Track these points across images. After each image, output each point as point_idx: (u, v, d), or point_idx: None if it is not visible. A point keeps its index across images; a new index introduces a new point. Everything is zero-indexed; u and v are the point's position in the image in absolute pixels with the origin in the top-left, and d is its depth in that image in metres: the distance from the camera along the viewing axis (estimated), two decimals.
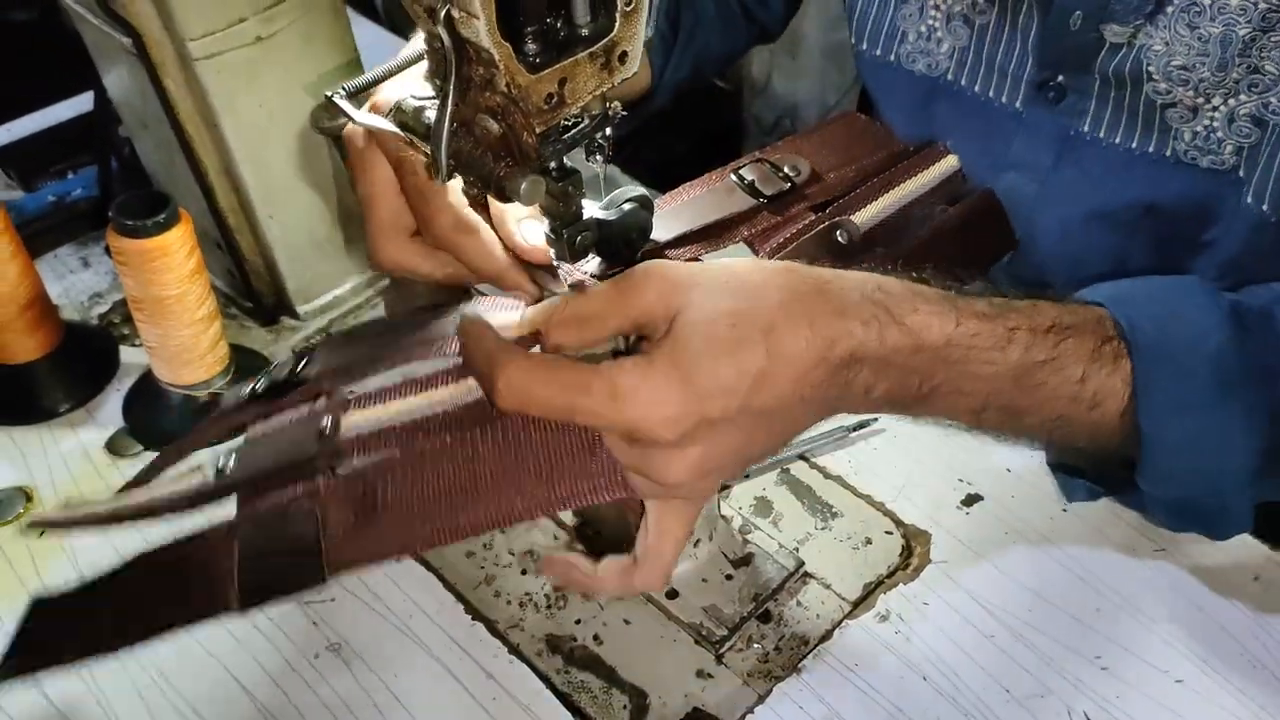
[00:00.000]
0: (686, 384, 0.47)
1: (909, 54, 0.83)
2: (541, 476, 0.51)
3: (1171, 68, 0.67)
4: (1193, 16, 0.66)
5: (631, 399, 0.47)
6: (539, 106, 0.47)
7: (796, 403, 0.50)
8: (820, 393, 0.50)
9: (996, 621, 0.66)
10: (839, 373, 0.50)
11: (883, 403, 0.53)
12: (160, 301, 0.74)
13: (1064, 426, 0.58)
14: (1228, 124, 0.67)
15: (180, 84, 0.76)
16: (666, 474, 0.49)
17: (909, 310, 0.52)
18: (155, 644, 0.56)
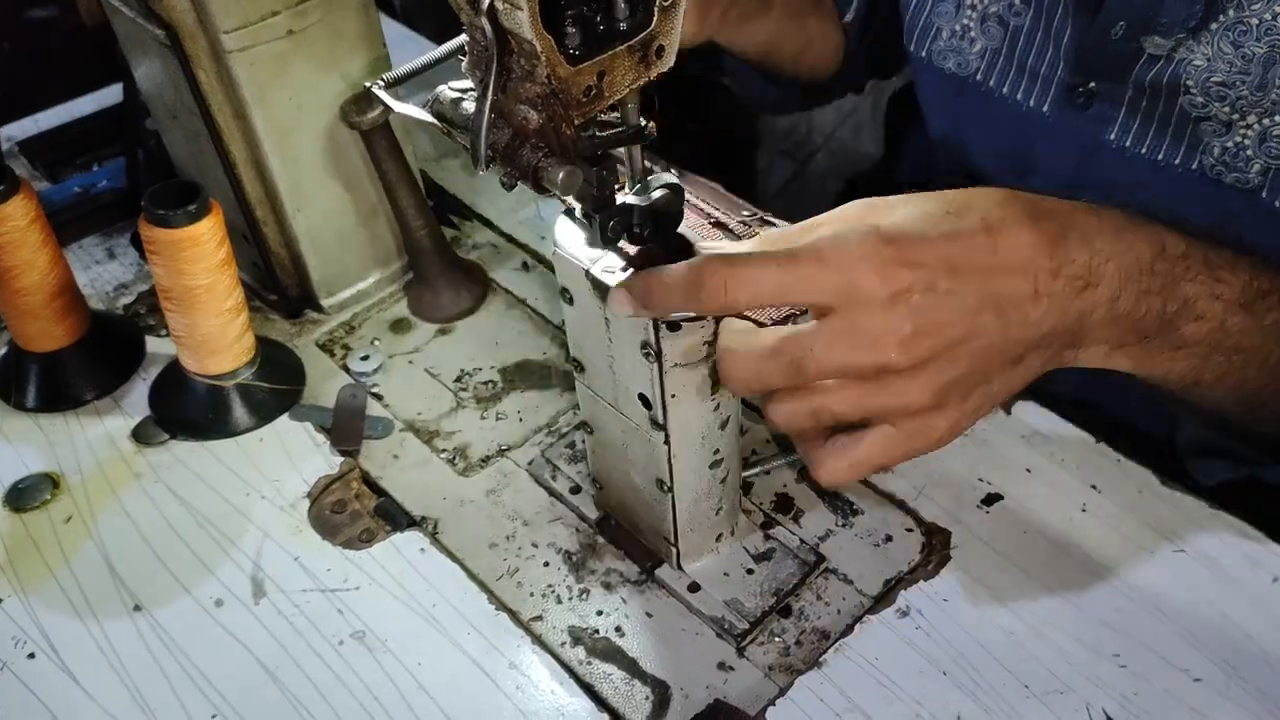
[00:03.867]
0: (898, 247, 0.46)
1: (941, 51, 0.83)
2: None
3: (1210, 83, 0.67)
4: (1238, 35, 0.66)
5: (837, 254, 0.46)
6: (578, 98, 0.48)
7: (1030, 295, 0.48)
8: (1057, 286, 0.48)
9: (1016, 618, 0.67)
10: (1077, 269, 0.49)
11: (1130, 326, 0.51)
12: (189, 291, 0.75)
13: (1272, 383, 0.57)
14: (1259, 143, 0.67)
15: (212, 76, 0.77)
16: (879, 345, 0.46)
17: (1143, 220, 0.51)
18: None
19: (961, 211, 0.49)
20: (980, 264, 0.48)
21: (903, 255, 0.47)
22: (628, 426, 0.64)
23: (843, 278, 0.47)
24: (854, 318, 0.47)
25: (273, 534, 0.73)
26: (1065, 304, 0.50)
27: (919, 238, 0.47)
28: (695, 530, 0.68)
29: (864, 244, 0.47)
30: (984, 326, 0.48)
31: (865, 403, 0.49)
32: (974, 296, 0.48)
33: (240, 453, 0.79)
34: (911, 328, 0.47)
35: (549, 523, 0.74)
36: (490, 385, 0.84)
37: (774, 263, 0.47)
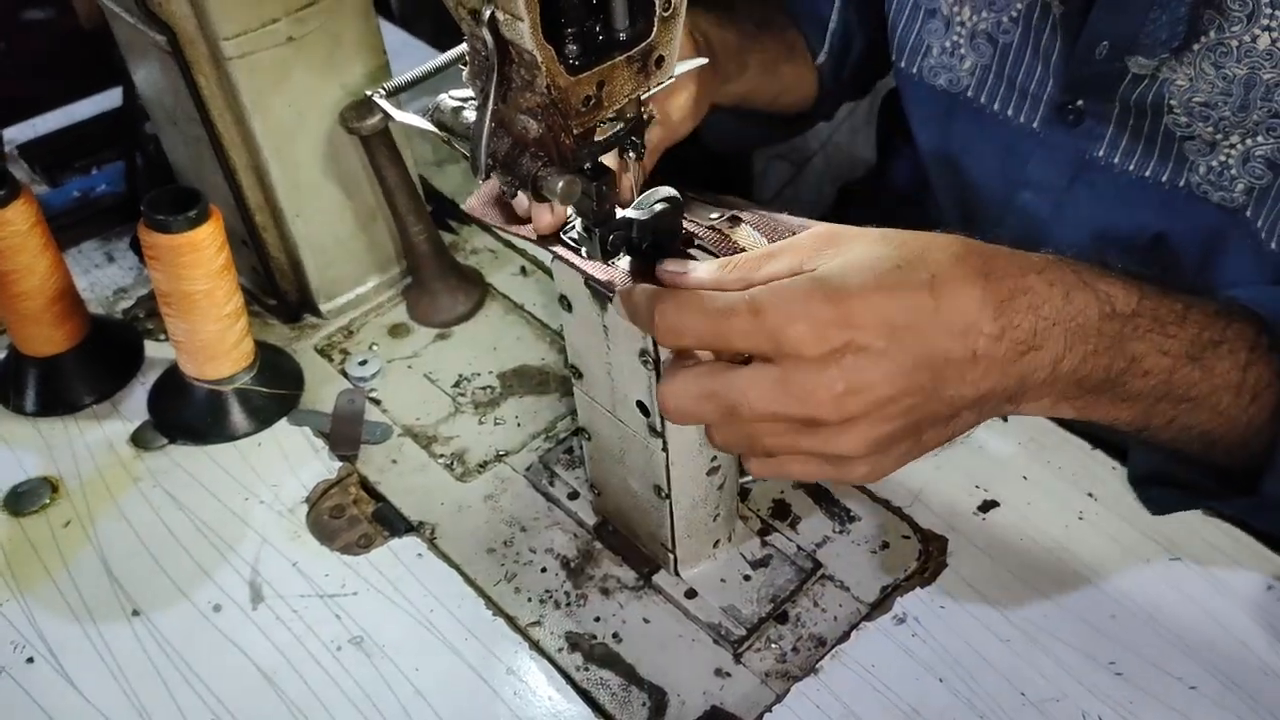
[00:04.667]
0: (836, 301, 0.46)
1: (932, 68, 0.83)
2: None
3: (1193, 103, 0.68)
4: (1219, 56, 0.66)
5: (773, 310, 0.46)
6: (577, 108, 0.48)
7: (967, 358, 0.48)
8: (997, 351, 0.48)
9: (1012, 626, 0.67)
10: (1021, 333, 0.48)
11: (1073, 384, 0.51)
12: (189, 296, 0.75)
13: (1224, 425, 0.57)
14: (1242, 163, 0.68)
15: (212, 82, 0.77)
16: (812, 397, 0.47)
17: (1095, 276, 0.51)
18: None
19: (912, 264, 0.48)
20: (919, 325, 0.47)
21: (840, 314, 0.47)
22: (625, 433, 0.64)
23: (777, 333, 0.47)
24: (788, 371, 0.48)
25: (271, 539, 0.73)
26: (1005, 367, 0.50)
27: (859, 294, 0.47)
28: (692, 536, 0.68)
29: (803, 301, 0.47)
30: (917, 386, 0.48)
31: (797, 443, 0.50)
32: (909, 357, 0.47)
33: (239, 457, 0.79)
34: (844, 386, 0.47)
35: (547, 528, 0.74)
36: (488, 390, 0.84)
37: (712, 315, 0.48)
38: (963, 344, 0.48)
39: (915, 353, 0.47)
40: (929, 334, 0.47)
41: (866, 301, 0.47)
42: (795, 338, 0.47)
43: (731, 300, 0.48)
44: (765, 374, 0.48)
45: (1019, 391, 0.51)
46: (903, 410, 0.49)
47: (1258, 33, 0.64)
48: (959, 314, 0.48)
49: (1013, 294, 0.49)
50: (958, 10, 0.80)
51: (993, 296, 0.48)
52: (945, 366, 0.48)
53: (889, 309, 0.47)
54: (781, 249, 0.51)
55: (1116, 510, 0.72)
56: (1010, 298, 0.49)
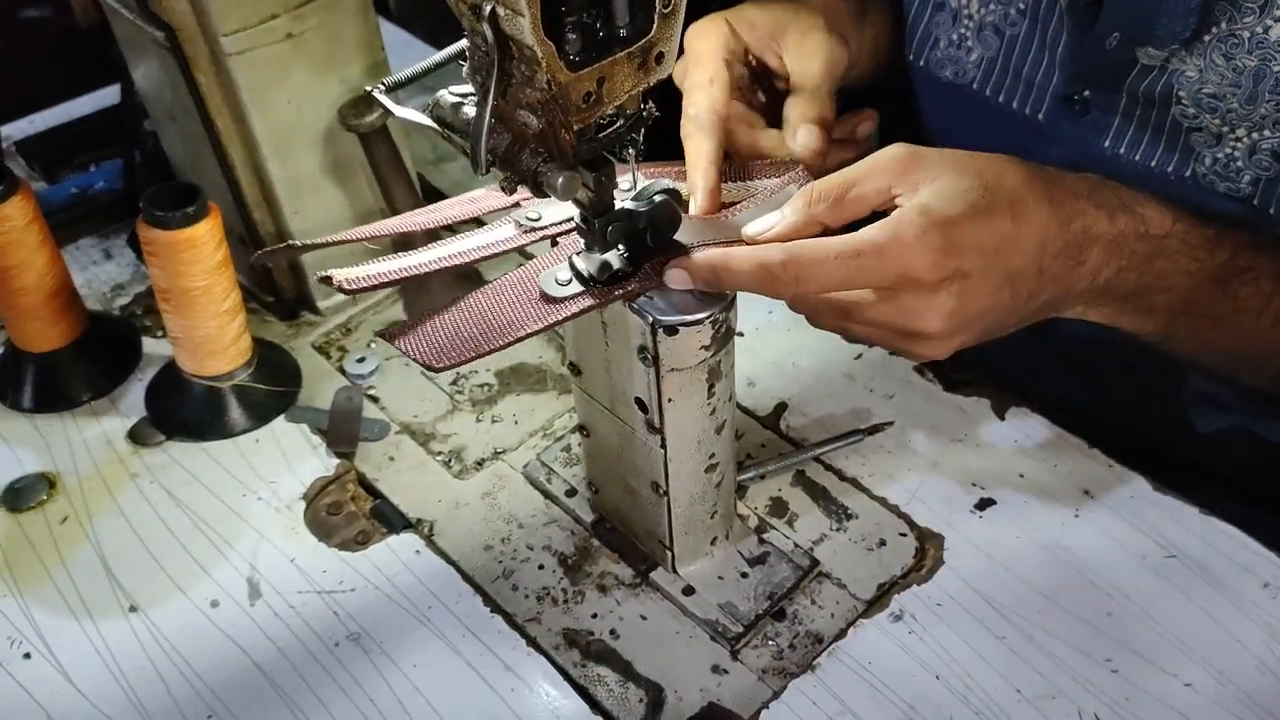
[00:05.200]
0: (945, 236, 0.54)
1: (938, 60, 0.83)
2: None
3: (1202, 95, 0.68)
4: (1229, 48, 0.66)
5: (897, 248, 0.53)
6: (577, 104, 0.48)
7: (1035, 273, 0.56)
8: (1057, 265, 0.57)
9: (1008, 623, 0.67)
10: (1074, 249, 0.57)
11: (1103, 293, 0.60)
12: (187, 293, 0.75)
13: (1245, 343, 0.65)
14: (1249, 155, 0.68)
15: (211, 79, 0.77)
16: (925, 318, 0.55)
17: (1136, 201, 0.59)
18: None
19: (993, 189, 0.56)
20: (1005, 247, 0.56)
21: (947, 242, 0.54)
22: (624, 430, 0.64)
23: (901, 268, 0.54)
24: (907, 298, 0.56)
25: (269, 535, 0.73)
26: (1059, 279, 0.58)
27: (961, 224, 0.55)
28: (690, 534, 0.68)
29: (920, 237, 0.54)
30: (1000, 301, 0.57)
31: (893, 342, 0.59)
32: (998, 275, 0.56)
33: (236, 454, 0.79)
34: (951, 307, 0.55)
35: (544, 525, 0.74)
36: (486, 388, 0.84)
37: (842, 258, 0.54)
38: (1034, 261, 0.57)
39: (1002, 272, 0.56)
40: (1012, 254, 0.56)
41: (967, 230, 0.54)
42: (916, 270, 0.54)
43: (854, 242, 0.54)
44: (885, 298, 0.56)
45: (1062, 299, 0.60)
46: (986, 323, 0.58)
47: (1270, 24, 0.64)
48: (1033, 235, 0.56)
49: (1071, 216, 0.57)
50: (965, 2, 0.80)
51: (1056, 219, 0.57)
52: (1020, 281, 0.57)
53: (983, 235, 0.55)
54: (864, 173, 0.58)
55: (1112, 508, 0.72)
56: (1069, 220, 0.57)
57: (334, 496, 0.76)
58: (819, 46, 0.72)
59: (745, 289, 0.56)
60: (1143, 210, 0.60)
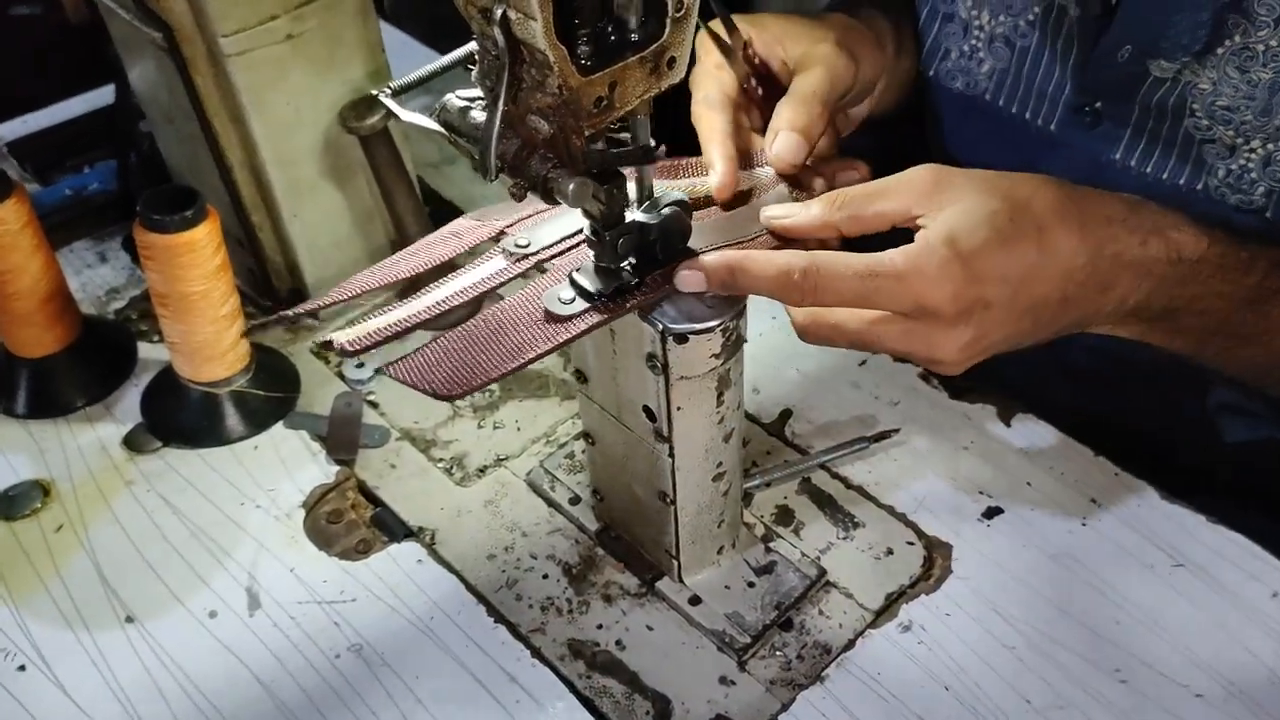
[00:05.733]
0: (967, 265, 0.53)
1: (949, 71, 0.83)
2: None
3: (1215, 107, 0.67)
4: (1244, 60, 0.66)
5: (918, 277, 0.53)
6: (588, 110, 0.48)
7: (1059, 300, 0.55)
8: (1082, 294, 0.56)
9: (1017, 633, 0.66)
10: (1102, 275, 0.56)
11: (1131, 315, 0.59)
12: (185, 298, 0.74)
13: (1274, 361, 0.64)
14: (1263, 167, 0.68)
15: (209, 80, 0.76)
16: (942, 349, 0.55)
17: (1170, 224, 0.58)
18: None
19: (1020, 214, 0.55)
20: (1029, 275, 0.54)
21: (970, 274, 0.53)
22: (630, 438, 0.63)
23: (919, 296, 0.53)
24: (924, 326, 0.55)
25: (268, 544, 0.72)
26: (1084, 305, 0.58)
27: (985, 253, 0.53)
28: (696, 543, 0.67)
29: (942, 267, 0.53)
30: (1022, 328, 0.57)
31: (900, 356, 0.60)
32: (1021, 304, 0.55)
33: (234, 461, 0.78)
34: (969, 338, 0.55)
35: (548, 534, 0.73)
36: (487, 394, 0.83)
37: (860, 277, 0.53)
38: (1059, 288, 0.55)
39: (1024, 301, 0.55)
40: (1036, 283, 0.55)
41: (991, 259, 0.53)
42: (937, 302, 0.53)
43: (875, 264, 0.53)
44: (901, 324, 0.55)
45: (1085, 322, 0.59)
46: (1002, 344, 0.57)
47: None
48: (1059, 262, 0.55)
49: (1102, 244, 0.56)
50: (976, 14, 0.79)
51: (1086, 247, 0.55)
52: (1042, 309, 0.56)
53: (1008, 264, 0.54)
54: (890, 188, 0.57)
55: (1120, 516, 0.72)
56: (1100, 247, 0.56)
57: (334, 504, 0.75)
58: (823, 57, 0.70)
59: (761, 292, 0.55)
60: (1177, 234, 0.59)
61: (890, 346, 0.57)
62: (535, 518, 0.74)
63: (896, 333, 0.55)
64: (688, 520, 0.65)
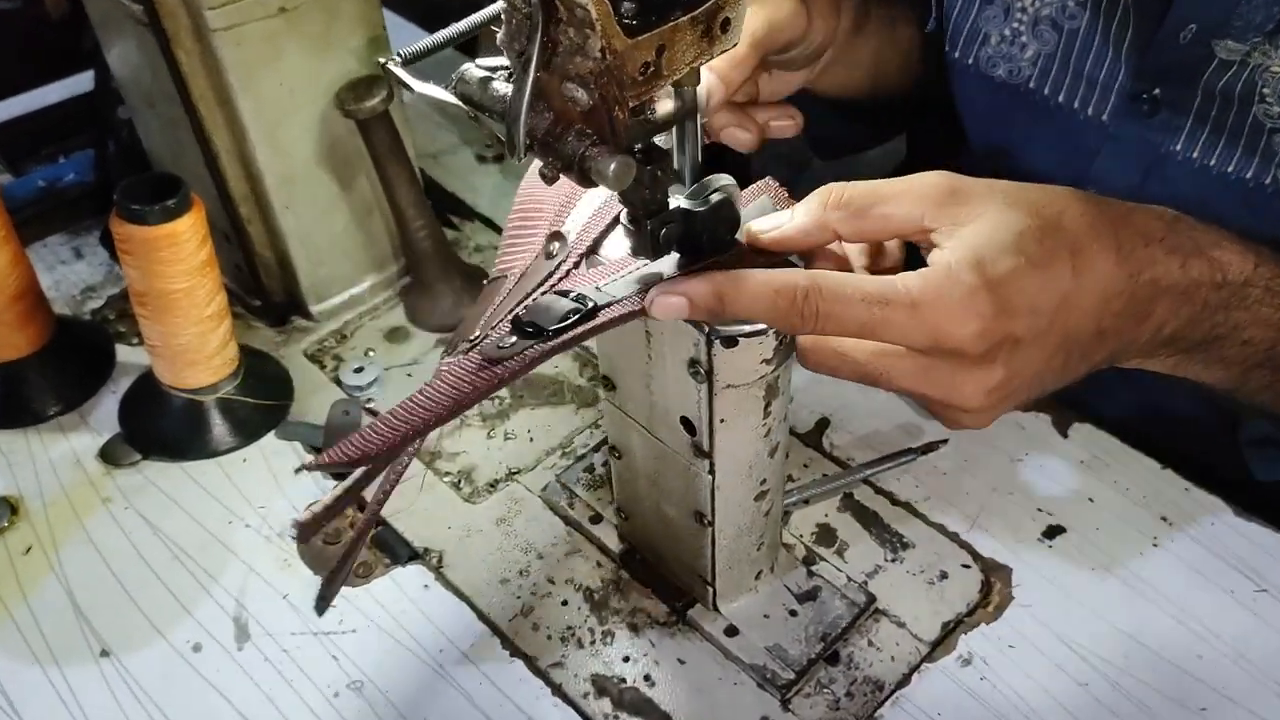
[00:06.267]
0: (995, 295, 0.45)
1: (989, 58, 0.77)
2: None
3: None
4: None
5: (934, 308, 0.45)
6: (634, 76, 0.41)
7: (1093, 333, 0.49)
8: (1118, 324, 0.49)
9: (1090, 667, 0.61)
10: (1139, 303, 0.50)
11: (1168, 344, 0.53)
12: (166, 296, 0.69)
13: None
14: None
15: (194, 57, 0.71)
16: (963, 393, 0.47)
17: (1212, 243, 0.52)
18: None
19: (1051, 233, 0.48)
20: (1064, 305, 0.48)
21: (999, 305, 0.46)
22: (664, 452, 0.57)
23: (937, 331, 0.46)
24: (945, 366, 0.47)
25: (258, 568, 0.67)
26: (1120, 336, 0.51)
27: (1014, 280, 0.46)
28: (734, 568, 0.61)
29: (966, 298, 0.46)
30: (1053, 367, 0.50)
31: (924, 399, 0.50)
32: (1054, 339, 0.48)
33: (221, 475, 0.73)
34: (1000, 379, 0.47)
35: (566, 556, 0.67)
36: (497, 401, 0.78)
37: (869, 302, 0.46)
38: (1094, 320, 0.49)
39: (1058, 335, 0.48)
40: (1070, 313, 0.48)
41: (1022, 287, 0.46)
42: (958, 340, 0.46)
43: (888, 289, 0.46)
44: (918, 360, 0.48)
45: (1118, 355, 0.53)
46: (1032, 386, 0.50)
47: None
48: (1095, 289, 0.48)
49: (1140, 267, 0.50)
50: None
51: (1123, 271, 0.49)
52: (1075, 342, 0.49)
53: (1040, 292, 0.47)
54: (899, 191, 0.49)
55: (1194, 536, 0.67)
56: (1138, 271, 0.50)
57: (331, 524, 0.68)
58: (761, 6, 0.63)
59: (756, 318, 0.47)
60: (1220, 254, 0.53)
61: (903, 385, 0.49)
62: (552, 537, 0.68)
63: (912, 370, 0.48)
64: (725, 543, 0.59)
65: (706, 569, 0.61)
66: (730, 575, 0.62)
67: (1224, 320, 0.54)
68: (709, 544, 0.59)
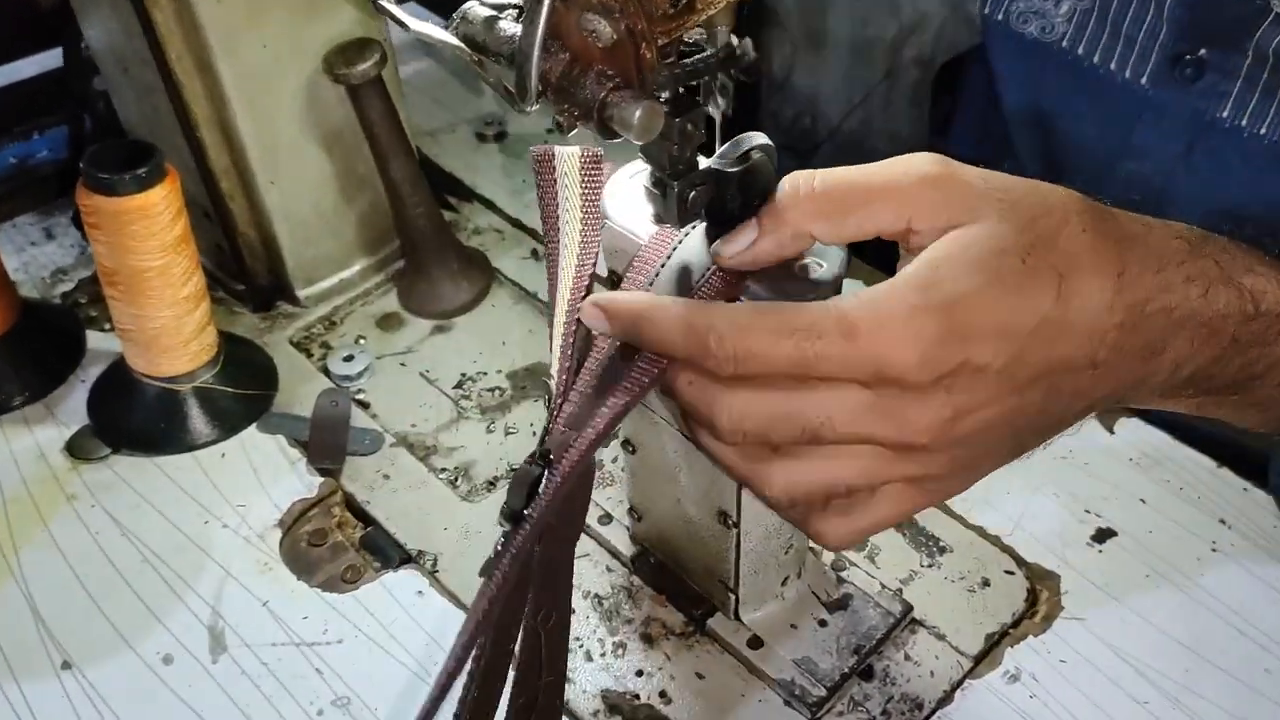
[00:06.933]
0: (947, 314, 0.39)
1: (1020, 13, 0.73)
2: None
3: None
4: None
5: (874, 334, 0.39)
6: (664, 9, 0.36)
7: (1087, 369, 0.42)
8: (1118, 360, 0.42)
9: (1148, 684, 0.56)
10: (1149, 335, 0.43)
11: (1189, 384, 0.46)
12: (138, 274, 0.65)
13: None
14: None
15: (170, 17, 0.67)
16: (915, 427, 0.40)
17: (1243, 268, 0.45)
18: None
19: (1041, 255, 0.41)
20: (1041, 333, 0.41)
21: (951, 328, 0.39)
22: (687, 447, 0.53)
23: (878, 361, 0.39)
24: (887, 399, 0.40)
25: (236, 572, 0.64)
26: (1123, 373, 0.44)
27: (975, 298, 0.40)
28: (759, 572, 0.57)
29: (908, 319, 0.39)
30: (1029, 403, 0.42)
31: (886, 474, 0.43)
32: (1026, 372, 0.41)
33: (198, 471, 0.69)
34: (951, 412, 0.40)
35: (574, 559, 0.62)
36: (496, 392, 0.74)
37: (798, 337, 0.39)
38: (1085, 353, 0.42)
39: (1033, 367, 0.41)
40: (1054, 343, 0.41)
41: (983, 307, 0.40)
42: (900, 368, 0.39)
43: (817, 320, 0.39)
44: (858, 396, 0.41)
45: (1127, 395, 0.46)
46: (1010, 431, 0.43)
47: None
48: (1086, 318, 0.41)
49: (1148, 296, 0.43)
50: None
51: (1125, 300, 0.42)
52: (1061, 378, 0.42)
53: (1010, 316, 0.40)
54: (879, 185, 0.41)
55: (1256, 541, 0.62)
56: (1144, 300, 0.43)
57: (316, 523, 0.67)
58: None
59: (673, 353, 0.42)
60: (1253, 281, 0.46)
61: (849, 430, 0.41)
62: None
63: (855, 408, 0.41)
64: (752, 546, 0.55)
65: (729, 574, 0.56)
66: (755, 581, 0.57)
67: (1259, 358, 0.47)
68: (733, 546, 0.55)
